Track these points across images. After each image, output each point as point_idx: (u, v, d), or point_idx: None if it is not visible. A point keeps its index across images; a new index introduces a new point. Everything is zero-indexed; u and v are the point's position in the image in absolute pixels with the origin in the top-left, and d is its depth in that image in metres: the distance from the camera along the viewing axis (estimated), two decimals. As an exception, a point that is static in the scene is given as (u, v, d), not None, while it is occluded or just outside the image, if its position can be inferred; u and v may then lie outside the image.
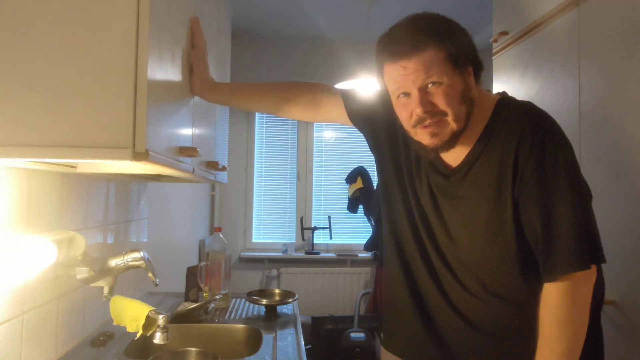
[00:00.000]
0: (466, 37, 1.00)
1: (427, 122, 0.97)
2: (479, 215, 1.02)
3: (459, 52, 0.96)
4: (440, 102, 0.96)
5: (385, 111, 1.15)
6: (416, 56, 0.95)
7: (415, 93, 0.97)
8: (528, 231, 0.99)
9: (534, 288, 0.99)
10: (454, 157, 1.06)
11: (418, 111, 0.97)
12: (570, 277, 0.95)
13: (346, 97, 1.24)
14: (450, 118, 0.97)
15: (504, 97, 1.07)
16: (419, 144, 1.03)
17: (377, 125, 1.19)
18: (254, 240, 4.10)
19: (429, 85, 0.96)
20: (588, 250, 0.95)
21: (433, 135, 0.98)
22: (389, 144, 1.16)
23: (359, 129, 1.25)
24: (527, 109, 1.02)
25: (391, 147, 1.16)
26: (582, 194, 0.97)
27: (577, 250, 0.94)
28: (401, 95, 1.00)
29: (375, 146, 1.22)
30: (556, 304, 0.96)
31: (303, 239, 4.06)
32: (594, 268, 0.97)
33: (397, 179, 1.14)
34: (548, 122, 0.99)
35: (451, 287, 1.07)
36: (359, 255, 3.98)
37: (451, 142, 1.00)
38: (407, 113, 0.99)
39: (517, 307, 1.03)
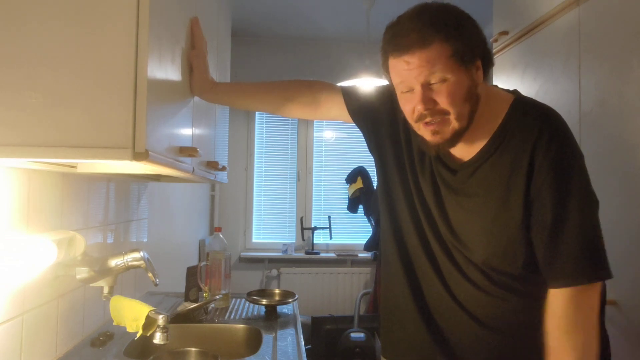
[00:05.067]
0: (476, 29, 0.98)
1: (428, 119, 0.96)
2: (485, 215, 1.01)
3: (466, 48, 0.94)
4: (443, 101, 0.94)
5: (386, 107, 1.15)
6: (420, 52, 0.92)
7: (418, 89, 0.95)
8: (535, 234, 0.98)
9: (544, 281, 0.98)
10: (465, 151, 1.04)
11: (419, 108, 0.95)
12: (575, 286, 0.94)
13: (346, 94, 1.23)
14: (452, 117, 0.95)
15: (520, 97, 1.05)
16: (422, 138, 1.02)
17: (379, 121, 1.18)
18: (254, 240, 4.10)
19: (433, 82, 0.94)
20: (594, 264, 0.94)
21: (434, 133, 0.98)
22: (391, 139, 1.15)
23: (359, 126, 1.24)
24: (546, 112, 1.01)
25: (393, 143, 1.15)
26: (592, 207, 0.96)
27: (584, 262, 0.93)
28: (405, 90, 0.99)
29: (376, 142, 1.20)
30: (561, 313, 0.94)
31: (303, 239, 4.06)
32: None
33: (399, 174, 1.13)
34: (565, 129, 0.98)
35: (456, 281, 1.04)
36: (359, 255, 3.98)
37: (453, 141, 0.99)
38: (410, 108, 0.98)
39: (528, 298, 1.01)
